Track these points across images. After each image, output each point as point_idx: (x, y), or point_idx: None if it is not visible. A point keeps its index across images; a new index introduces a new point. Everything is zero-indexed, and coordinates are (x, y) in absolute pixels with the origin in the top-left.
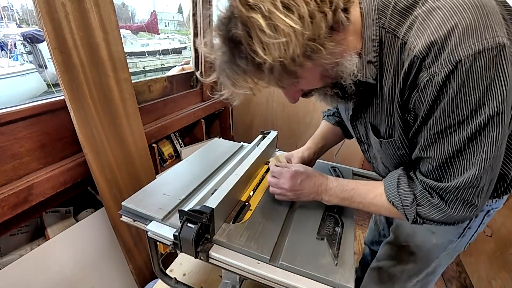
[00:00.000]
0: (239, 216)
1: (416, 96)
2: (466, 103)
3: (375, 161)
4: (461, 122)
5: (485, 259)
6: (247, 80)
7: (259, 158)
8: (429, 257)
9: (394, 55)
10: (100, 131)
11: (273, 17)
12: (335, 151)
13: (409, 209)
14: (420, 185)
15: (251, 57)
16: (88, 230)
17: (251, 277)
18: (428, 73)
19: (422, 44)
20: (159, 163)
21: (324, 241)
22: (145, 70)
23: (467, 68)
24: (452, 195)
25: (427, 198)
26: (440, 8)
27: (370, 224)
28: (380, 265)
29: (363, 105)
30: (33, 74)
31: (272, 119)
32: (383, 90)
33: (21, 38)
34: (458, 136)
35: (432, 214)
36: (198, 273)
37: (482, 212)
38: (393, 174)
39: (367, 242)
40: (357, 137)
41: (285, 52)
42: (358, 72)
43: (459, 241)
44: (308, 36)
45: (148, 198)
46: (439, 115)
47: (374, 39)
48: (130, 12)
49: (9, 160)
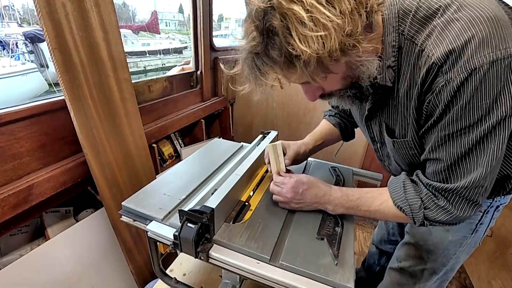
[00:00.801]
0: (239, 216)
1: (431, 98)
2: (477, 108)
3: (387, 159)
4: (471, 125)
5: (485, 259)
6: (276, 71)
7: (259, 158)
8: (447, 254)
9: (411, 61)
10: (100, 131)
11: (315, 11)
12: (335, 151)
13: (417, 212)
14: (425, 188)
15: (285, 49)
16: (88, 230)
17: (251, 277)
18: (445, 78)
19: (441, 51)
20: (159, 163)
21: (324, 241)
22: (146, 70)
23: (481, 76)
24: (458, 195)
25: (434, 201)
26: (458, 20)
27: (380, 222)
28: (401, 265)
29: (379, 106)
30: (35, 74)
31: (272, 119)
32: (399, 93)
33: (23, 37)
34: (468, 139)
35: (439, 216)
36: (198, 273)
37: (492, 208)
38: (397, 179)
39: (375, 242)
40: (370, 136)
41: (323, 45)
42: (378, 75)
43: (473, 237)
44: (347, 32)
45: (148, 198)
46: (451, 118)
47: (394, 45)
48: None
49: (9, 160)
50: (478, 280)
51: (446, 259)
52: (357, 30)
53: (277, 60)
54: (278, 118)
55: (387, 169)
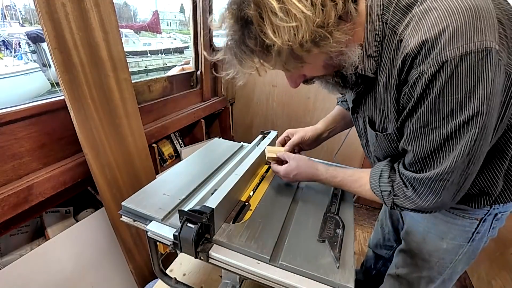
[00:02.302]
0: (239, 216)
1: (406, 91)
2: (448, 102)
3: (371, 155)
4: (441, 120)
5: (485, 259)
6: (253, 60)
7: (259, 158)
8: (443, 263)
9: (391, 51)
10: (100, 131)
11: (287, 1)
12: (335, 150)
13: (387, 198)
14: (399, 177)
15: (260, 38)
16: (88, 230)
17: (251, 277)
18: (418, 70)
19: (415, 42)
20: (159, 163)
21: (325, 243)
22: (148, 70)
23: (452, 69)
24: (424, 185)
25: (403, 190)
26: (435, 9)
27: (376, 226)
28: (398, 272)
29: (362, 98)
30: (37, 73)
31: (272, 119)
32: (379, 84)
33: (26, 37)
34: (438, 133)
35: (406, 204)
36: (198, 273)
37: (490, 216)
38: (378, 166)
39: (371, 245)
40: (357, 130)
41: (295, 36)
42: (359, 64)
43: (470, 246)
44: (318, 23)
45: (148, 198)
46: (423, 112)
47: (377, 34)
48: (132, 12)
49: (9, 160)
50: (478, 280)
51: (442, 268)
52: (329, 21)
53: (253, 49)
54: (278, 118)
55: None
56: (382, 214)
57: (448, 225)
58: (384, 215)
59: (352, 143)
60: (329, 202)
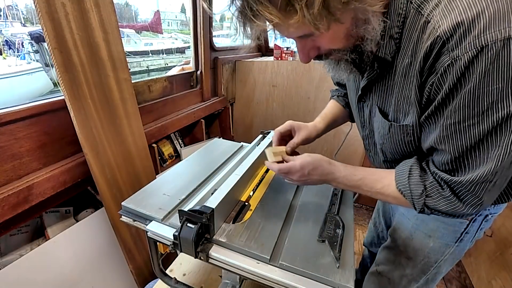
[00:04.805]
0: (239, 216)
1: (434, 80)
2: (489, 93)
3: (373, 148)
4: (481, 114)
5: (485, 259)
6: (272, 13)
7: (259, 158)
8: (427, 262)
9: (415, 34)
10: (100, 131)
11: None
12: (335, 150)
13: (418, 199)
14: (432, 177)
15: None
16: (88, 230)
17: (251, 277)
18: (450, 56)
19: (448, 24)
20: (159, 163)
21: (325, 243)
22: (149, 70)
23: (493, 55)
24: (465, 189)
25: (438, 190)
26: None
27: (370, 225)
28: (379, 269)
29: (373, 85)
30: (40, 73)
31: (272, 119)
32: (396, 71)
33: (28, 37)
34: (478, 129)
35: (440, 205)
36: (198, 273)
37: (480, 217)
38: (405, 163)
39: (366, 244)
40: (360, 120)
41: None
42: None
43: (457, 246)
44: None
45: (148, 198)
46: (458, 105)
47: (400, 13)
48: (133, 12)
49: (9, 160)
50: (478, 280)
51: (426, 267)
52: None
53: None
54: (278, 118)
55: (371, 160)
56: (375, 213)
57: (438, 223)
58: (377, 213)
59: (352, 143)
60: (329, 202)
